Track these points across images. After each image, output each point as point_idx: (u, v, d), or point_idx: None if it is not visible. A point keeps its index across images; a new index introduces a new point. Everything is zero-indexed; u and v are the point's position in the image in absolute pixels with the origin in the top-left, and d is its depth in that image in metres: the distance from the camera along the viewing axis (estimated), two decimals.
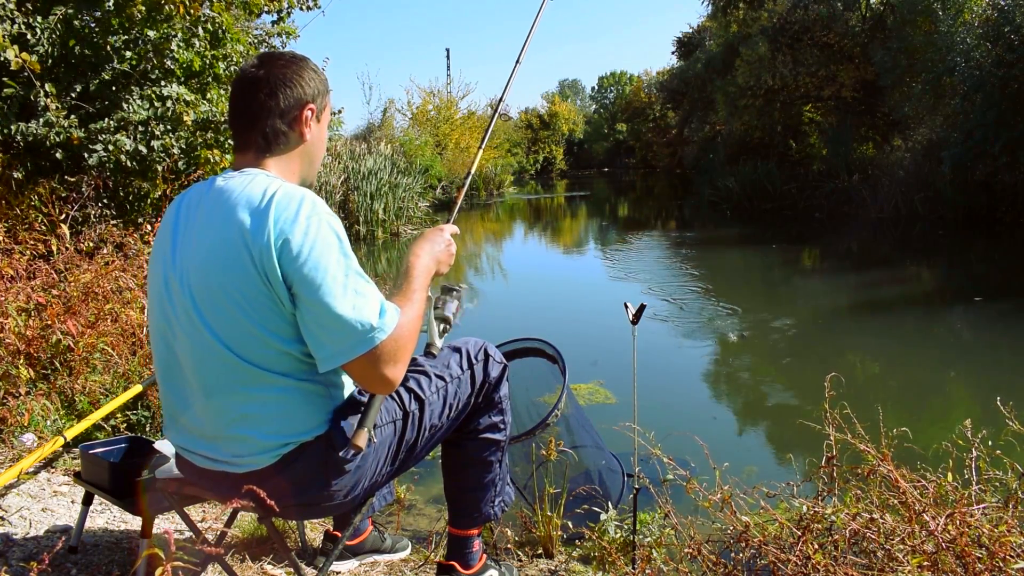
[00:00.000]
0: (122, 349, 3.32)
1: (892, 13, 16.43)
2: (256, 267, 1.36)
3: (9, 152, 4.52)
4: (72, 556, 2.10)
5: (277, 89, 1.49)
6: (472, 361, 1.82)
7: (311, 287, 1.35)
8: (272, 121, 1.49)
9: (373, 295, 1.41)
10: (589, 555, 2.36)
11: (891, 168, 15.50)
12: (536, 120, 48.38)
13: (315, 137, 1.55)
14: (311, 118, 1.53)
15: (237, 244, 1.37)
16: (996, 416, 1.86)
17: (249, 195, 1.40)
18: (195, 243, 1.43)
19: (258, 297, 1.37)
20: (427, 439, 1.71)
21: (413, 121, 24.02)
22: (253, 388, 1.41)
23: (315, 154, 1.58)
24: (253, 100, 1.49)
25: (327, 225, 1.39)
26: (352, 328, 1.36)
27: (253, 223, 1.37)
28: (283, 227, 1.36)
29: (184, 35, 4.95)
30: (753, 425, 4.47)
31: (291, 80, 1.50)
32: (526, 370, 2.86)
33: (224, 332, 1.39)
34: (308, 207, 1.39)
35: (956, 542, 1.41)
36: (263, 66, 1.51)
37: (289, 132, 1.51)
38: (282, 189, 1.41)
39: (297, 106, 1.51)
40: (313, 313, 1.37)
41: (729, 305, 7.48)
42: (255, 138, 1.50)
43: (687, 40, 30.74)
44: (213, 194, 1.45)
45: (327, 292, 1.35)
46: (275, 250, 1.35)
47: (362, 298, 1.38)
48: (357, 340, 1.37)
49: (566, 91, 71.32)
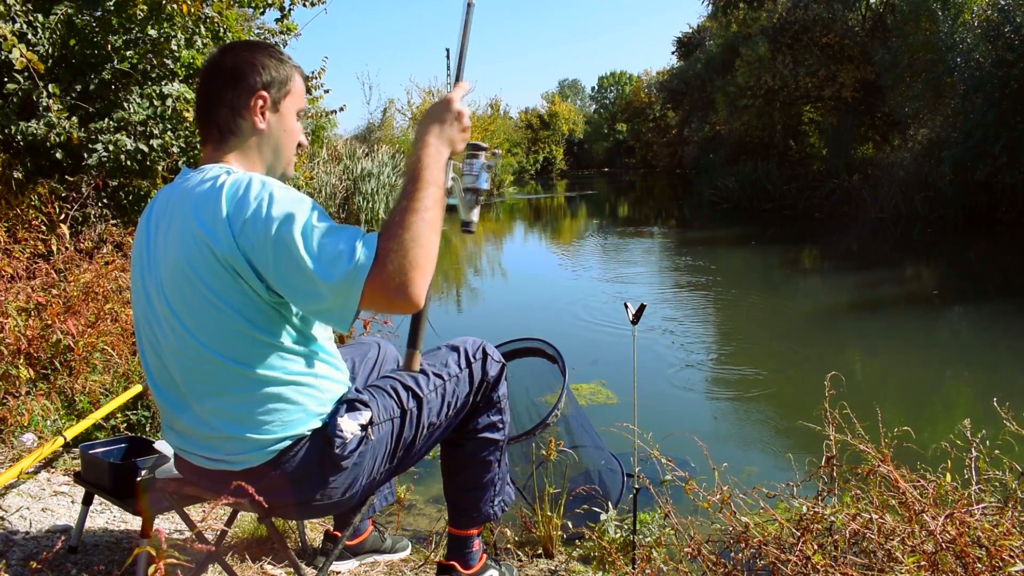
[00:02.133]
0: (122, 349, 3.32)
1: (892, 13, 16.45)
2: (219, 260, 1.33)
3: (9, 152, 4.52)
4: (72, 556, 2.10)
5: (228, 78, 1.47)
6: (471, 360, 1.81)
7: (277, 251, 1.28)
8: (224, 111, 1.47)
9: (343, 230, 1.30)
10: (589, 555, 2.36)
11: (891, 168, 15.51)
12: (536, 120, 48.40)
13: (273, 126, 1.49)
14: (264, 106, 1.47)
15: (198, 242, 1.34)
16: (996, 416, 1.86)
17: (202, 190, 1.37)
18: (163, 249, 1.41)
19: (232, 291, 1.34)
20: (425, 438, 1.71)
21: (413, 121, 24.00)
22: (243, 388, 1.40)
23: (280, 144, 1.51)
24: (208, 90, 1.48)
25: (280, 191, 1.33)
26: (332, 270, 1.26)
27: (207, 215, 1.33)
28: (233, 208, 1.32)
29: (185, 35, 4.95)
30: (753, 425, 4.47)
31: (242, 68, 1.47)
32: (526, 370, 2.86)
33: (205, 336, 1.37)
34: (257, 185, 1.34)
35: (956, 542, 1.41)
36: (220, 55, 1.50)
37: (241, 122, 1.47)
38: (232, 176, 1.37)
39: (248, 94, 1.46)
40: (291, 276, 1.29)
41: (730, 305, 7.48)
42: (212, 130, 1.48)
43: (687, 40, 30.76)
44: (175, 196, 1.43)
45: (293, 246, 1.27)
46: (231, 233, 1.31)
47: (329, 235, 1.28)
48: (344, 280, 1.25)
49: (566, 91, 71.37)
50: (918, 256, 11.31)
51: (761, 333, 6.52)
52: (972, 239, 12.18)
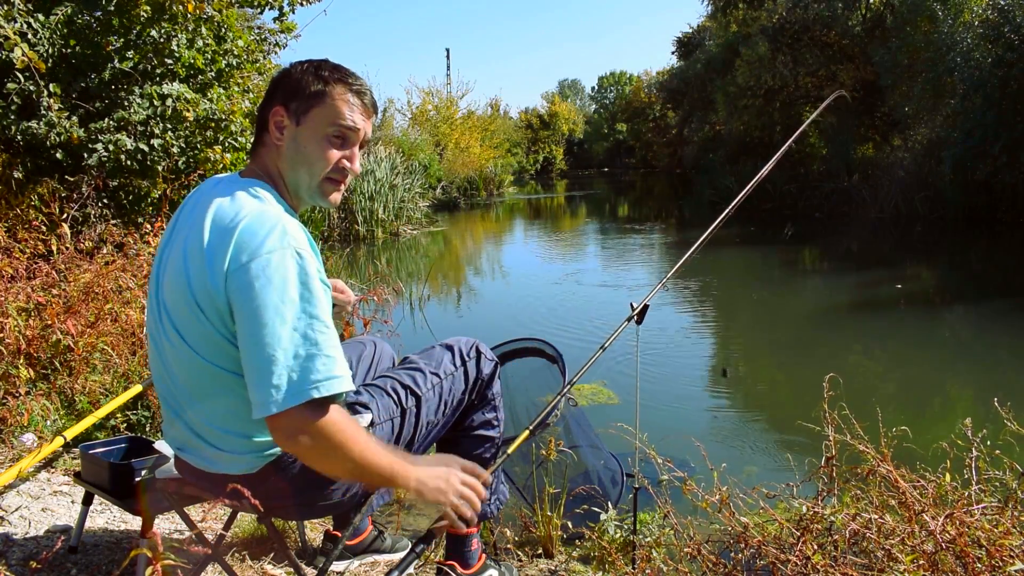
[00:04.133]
0: (122, 349, 3.32)
1: (892, 13, 16.45)
2: (209, 289, 1.32)
3: (9, 151, 4.52)
4: (72, 556, 2.11)
5: (269, 88, 1.51)
6: (464, 358, 1.83)
7: (253, 325, 1.26)
8: (260, 120, 1.51)
9: (328, 345, 1.28)
10: (589, 555, 2.36)
11: (891, 168, 15.52)
12: (536, 120, 48.42)
13: (289, 141, 1.45)
14: (282, 122, 1.45)
15: (198, 259, 1.33)
16: (995, 416, 1.86)
17: (223, 211, 1.35)
18: (172, 251, 1.42)
19: (217, 316, 1.34)
20: (423, 436, 1.72)
21: (413, 121, 24.02)
22: (236, 393, 1.38)
23: (297, 160, 1.45)
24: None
25: (293, 260, 1.29)
26: (285, 376, 1.24)
27: (215, 243, 1.32)
28: (240, 257, 1.28)
29: (187, 35, 4.95)
30: (753, 425, 4.47)
31: (277, 80, 1.50)
32: (526, 370, 2.85)
33: (196, 342, 1.37)
34: (275, 239, 1.29)
35: (955, 542, 1.41)
36: (287, 67, 1.53)
37: (264, 134, 1.49)
38: (253, 214, 1.33)
39: (268, 106, 1.48)
40: (249, 353, 1.27)
41: (730, 305, 7.48)
42: (256, 137, 1.52)
43: (687, 40, 30.76)
44: (201, 202, 1.42)
45: (271, 332, 1.25)
46: (226, 279, 1.29)
47: (312, 346, 1.26)
48: (289, 391, 1.24)
49: (566, 91, 71.35)
50: (918, 256, 11.31)
51: (761, 333, 6.52)
52: (972, 239, 12.18)
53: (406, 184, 14.88)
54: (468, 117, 26.54)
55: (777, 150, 2.81)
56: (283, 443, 1.29)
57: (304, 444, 1.26)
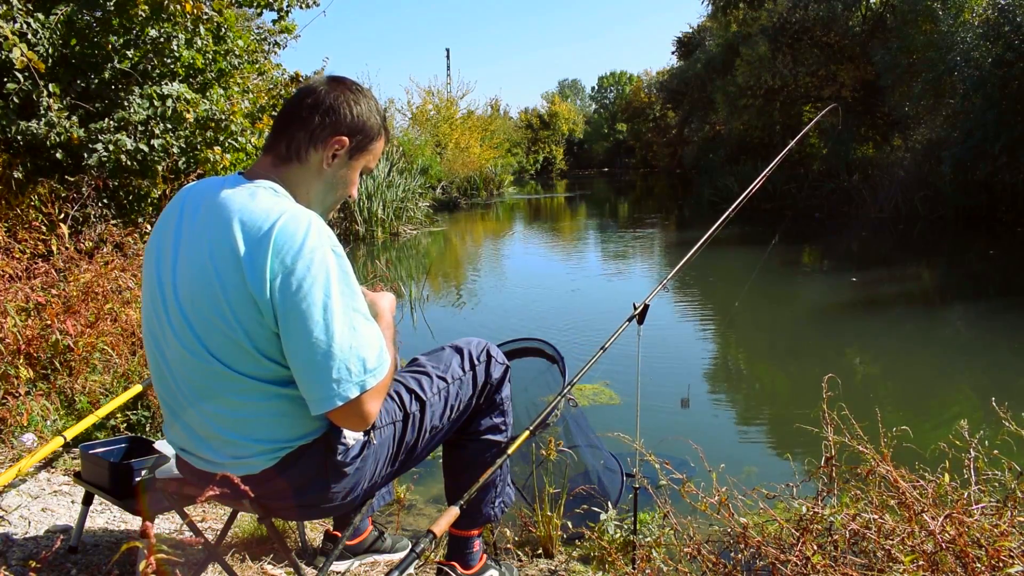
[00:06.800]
0: (122, 349, 3.32)
1: (892, 13, 16.44)
2: (248, 290, 1.32)
3: (9, 151, 4.52)
4: (72, 556, 2.11)
5: (324, 106, 1.47)
6: (474, 362, 1.81)
7: (306, 324, 1.31)
8: (301, 134, 1.46)
9: (373, 335, 1.39)
10: (589, 555, 2.36)
11: (891, 168, 15.52)
12: (536, 120, 48.40)
13: (335, 172, 1.49)
14: (339, 151, 1.48)
15: (232, 263, 1.33)
16: (995, 416, 1.87)
17: (252, 214, 1.35)
18: (192, 252, 1.39)
19: (249, 320, 1.34)
20: (427, 440, 1.71)
21: (413, 121, 24.01)
22: (245, 395, 1.39)
23: (332, 190, 1.51)
24: (299, 107, 1.48)
25: (333, 257, 1.35)
26: (344, 370, 1.33)
27: (252, 248, 1.32)
28: (283, 260, 1.31)
29: (186, 35, 4.95)
30: (753, 425, 4.47)
31: (340, 106, 1.48)
32: (526, 370, 2.86)
33: (213, 345, 1.36)
34: (313, 238, 1.33)
35: (955, 542, 1.41)
36: (327, 83, 1.51)
37: (312, 153, 1.47)
38: (286, 215, 1.34)
39: (331, 131, 1.47)
40: (303, 352, 1.32)
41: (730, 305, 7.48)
42: (280, 145, 1.47)
43: (687, 40, 30.74)
44: (215, 202, 1.40)
45: (324, 329, 1.31)
46: (271, 283, 1.31)
47: (360, 336, 1.35)
48: (350, 382, 1.34)
49: (566, 91, 71.37)
50: (918, 256, 11.31)
51: (761, 332, 6.52)
52: (972, 239, 12.18)
53: (405, 184, 14.87)
54: (468, 117, 26.53)
55: (777, 150, 2.82)
56: (349, 427, 1.44)
57: (367, 419, 1.40)
